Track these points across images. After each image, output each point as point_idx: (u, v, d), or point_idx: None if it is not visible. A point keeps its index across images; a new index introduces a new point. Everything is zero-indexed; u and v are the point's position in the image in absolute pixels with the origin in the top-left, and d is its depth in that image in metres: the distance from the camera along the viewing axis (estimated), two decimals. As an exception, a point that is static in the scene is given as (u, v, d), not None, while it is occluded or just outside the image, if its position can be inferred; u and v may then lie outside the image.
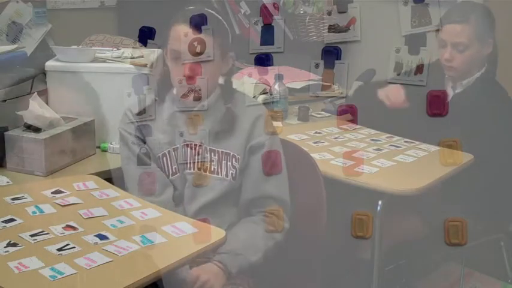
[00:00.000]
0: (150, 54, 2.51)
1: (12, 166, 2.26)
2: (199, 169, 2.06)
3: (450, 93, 2.58)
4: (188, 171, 2.07)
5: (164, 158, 2.09)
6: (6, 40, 3.24)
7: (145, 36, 2.04)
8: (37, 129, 2.26)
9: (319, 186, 2.12)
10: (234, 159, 2.06)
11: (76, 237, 1.72)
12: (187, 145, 2.07)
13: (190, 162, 2.07)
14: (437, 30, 2.38)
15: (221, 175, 2.06)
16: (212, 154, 2.06)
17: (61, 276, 1.54)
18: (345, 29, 2.11)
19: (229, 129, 2.07)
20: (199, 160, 2.06)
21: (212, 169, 2.06)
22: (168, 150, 2.08)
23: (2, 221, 1.79)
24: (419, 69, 2.31)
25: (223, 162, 2.06)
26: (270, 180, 2.06)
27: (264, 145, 2.07)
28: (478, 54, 2.52)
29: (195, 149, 2.06)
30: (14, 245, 1.67)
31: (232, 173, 2.06)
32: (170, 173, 2.09)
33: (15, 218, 1.81)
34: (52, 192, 2.00)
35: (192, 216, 1.96)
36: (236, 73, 3.14)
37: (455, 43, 2.51)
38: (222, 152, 2.06)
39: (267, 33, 2.01)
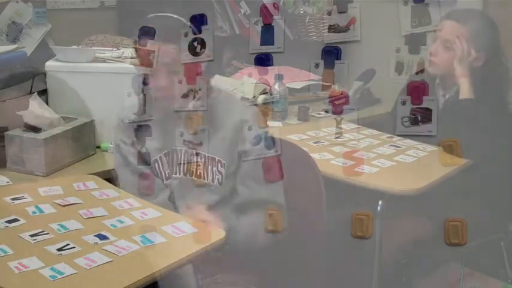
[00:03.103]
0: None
1: (12, 166, 2.26)
2: (186, 173, 2.06)
3: (441, 100, 2.58)
4: (174, 175, 2.07)
5: (156, 164, 2.08)
6: (6, 40, 3.24)
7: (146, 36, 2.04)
8: (37, 129, 2.26)
9: (319, 186, 2.12)
10: (219, 164, 2.06)
11: (76, 237, 1.72)
12: (178, 149, 2.07)
13: (177, 165, 2.07)
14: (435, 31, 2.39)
15: (207, 180, 2.06)
16: (198, 158, 2.06)
17: (61, 276, 1.54)
18: (345, 29, 2.11)
19: (218, 127, 2.07)
20: (189, 161, 2.06)
21: (199, 173, 2.06)
22: (159, 156, 2.08)
23: (5, 221, 1.79)
24: (420, 68, 2.31)
25: (209, 167, 2.06)
26: (264, 184, 2.06)
27: (253, 151, 2.07)
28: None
29: (193, 151, 2.06)
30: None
31: (218, 178, 2.06)
32: (164, 178, 2.08)
33: (18, 218, 1.81)
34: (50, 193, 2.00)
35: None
36: (236, 73, 3.14)
37: (444, 39, 2.51)
38: (207, 156, 2.06)
39: (267, 33, 2.01)
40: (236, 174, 2.07)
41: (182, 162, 2.07)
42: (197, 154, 2.06)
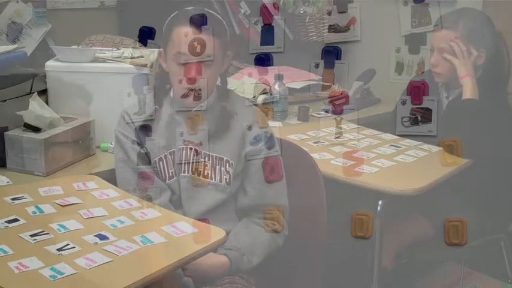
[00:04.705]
0: (150, 54, 2.51)
1: (12, 166, 2.26)
2: (193, 173, 2.06)
3: (444, 102, 2.58)
4: (182, 174, 2.07)
5: (160, 162, 2.08)
6: (6, 40, 3.24)
7: (145, 36, 2.04)
8: (37, 129, 2.26)
9: (319, 186, 2.12)
10: (227, 164, 2.06)
11: (76, 237, 1.72)
12: (184, 147, 2.06)
13: (185, 164, 2.07)
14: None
15: (215, 180, 2.06)
16: (206, 159, 2.06)
17: (61, 276, 1.54)
18: (345, 29, 2.11)
19: (226, 128, 2.07)
20: (196, 161, 2.06)
21: (206, 174, 2.06)
22: (164, 155, 2.08)
23: (5, 221, 1.79)
24: (421, 68, 2.32)
25: (216, 167, 2.06)
26: (270, 187, 2.07)
27: (262, 151, 2.07)
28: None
29: (194, 150, 2.06)
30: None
31: (226, 178, 2.06)
32: (167, 177, 2.08)
33: (18, 218, 1.81)
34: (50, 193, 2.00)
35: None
36: (235, 73, 3.14)
37: (440, 48, 2.50)
38: (215, 156, 2.06)
39: (267, 33, 2.01)
40: (244, 174, 2.08)
41: (190, 161, 2.06)
42: (205, 154, 2.06)
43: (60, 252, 1.64)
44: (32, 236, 1.71)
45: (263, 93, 2.90)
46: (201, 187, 2.06)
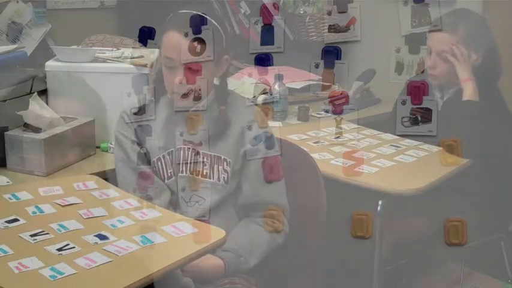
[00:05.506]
0: (150, 54, 2.51)
1: (12, 166, 2.26)
2: (192, 173, 2.06)
3: (439, 102, 2.58)
4: (180, 174, 2.07)
5: (159, 163, 2.08)
6: (6, 40, 3.24)
7: (145, 36, 2.04)
8: (37, 129, 2.26)
9: (319, 186, 2.12)
10: (225, 163, 2.06)
11: (76, 237, 1.72)
12: (182, 147, 2.06)
13: (183, 164, 2.07)
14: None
15: (213, 179, 2.05)
16: (205, 158, 2.06)
17: (61, 276, 1.54)
18: (345, 29, 2.11)
19: (222, 132, 2.07)
20: (194, 161, 2.06)
21: (204, 173, 2.06)
22: (162, 155, 2.08)
23: (5, 221, 1.79)
24: (421, 68, 2.32)
25: (214, 166, 2.06)
26: (267, 185, 2.06)
27: (261, 151, 2.07)
28: None
29: (192, 150, 2.06)
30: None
31: (224, 177, 2.06)
32: (166, 177, 2.08)
33: (18, 218, 1.81)
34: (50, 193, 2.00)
35: None
36: (235, 73, 3.14)
37: (439, 51, 2.49)
38: (213, 155, 2.06)
39: (267, 33, 2.01)
40: (241, 173, 2.08)
41: (188, 161, 2.06)
42: (203, 153, 2.06)
43: (60, 252, 1.64)
44: (32, 236, 1.72)
45: (263, 93, 2.90)
46: (199, 188, 2.06)
